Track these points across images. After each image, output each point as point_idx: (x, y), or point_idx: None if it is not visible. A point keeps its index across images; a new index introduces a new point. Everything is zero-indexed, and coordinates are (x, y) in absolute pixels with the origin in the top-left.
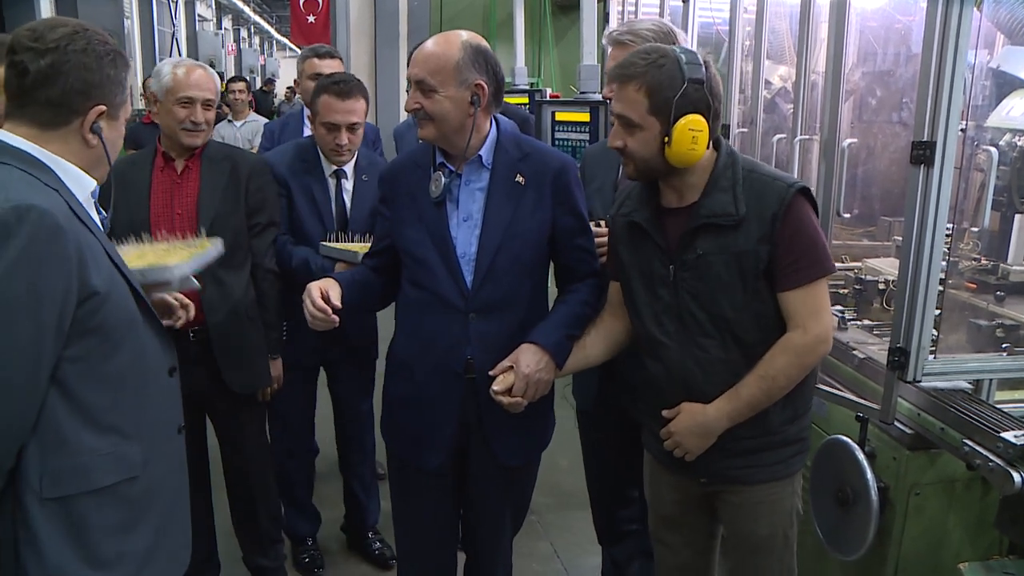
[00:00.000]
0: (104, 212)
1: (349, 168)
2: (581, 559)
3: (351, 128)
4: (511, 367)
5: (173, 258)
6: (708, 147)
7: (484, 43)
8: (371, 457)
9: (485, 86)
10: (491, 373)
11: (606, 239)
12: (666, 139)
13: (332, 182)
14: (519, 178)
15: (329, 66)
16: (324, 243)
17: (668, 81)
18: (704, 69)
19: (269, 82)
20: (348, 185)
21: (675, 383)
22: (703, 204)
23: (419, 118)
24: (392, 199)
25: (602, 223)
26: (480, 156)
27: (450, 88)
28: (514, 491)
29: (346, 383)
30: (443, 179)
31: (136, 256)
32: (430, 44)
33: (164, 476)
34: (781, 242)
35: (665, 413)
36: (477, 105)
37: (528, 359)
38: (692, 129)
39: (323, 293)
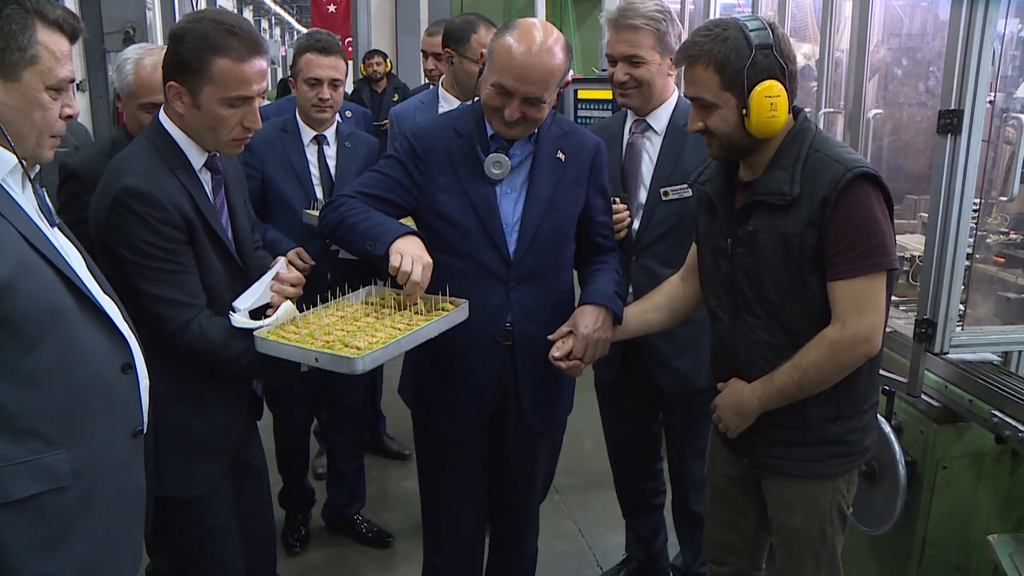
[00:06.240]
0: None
1: (331, 134)
2: (605, 538)
3: (333, 84)
4: (570, 332)
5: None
6: (788, 113)
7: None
8: (362, 432)
9: (571, 79)
10: (550, 338)
11: (624, 216)
12: (744, 111)
13: (313, 148)
14: (559, 154)
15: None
16: (308, 211)
17: (735, 53)
18: (771, 32)
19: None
20: (330, 151)
21: (725, 356)
22: (760, 181)
23: (514, 121)
24: (425, 160)
25: (617, 200)
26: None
27: (553, 94)
28: (543, 456)
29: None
30: (509, 163)
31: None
32: (545, 58)
33: (109, 485)
34: (831, 229)
35: (719, 385)
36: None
37: (586, 320)
38: (769, 96)
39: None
